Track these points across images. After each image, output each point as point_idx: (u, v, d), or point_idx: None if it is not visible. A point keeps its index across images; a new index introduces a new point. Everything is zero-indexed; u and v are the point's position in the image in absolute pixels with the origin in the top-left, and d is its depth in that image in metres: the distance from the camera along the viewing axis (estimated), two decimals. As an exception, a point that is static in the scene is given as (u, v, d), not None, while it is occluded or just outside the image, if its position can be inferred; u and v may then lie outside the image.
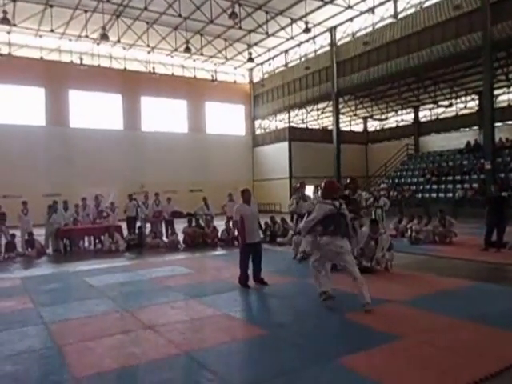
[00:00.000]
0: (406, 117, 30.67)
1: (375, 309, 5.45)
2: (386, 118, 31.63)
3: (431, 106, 27.39)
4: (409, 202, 20.82)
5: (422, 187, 22.84)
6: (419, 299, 5.87)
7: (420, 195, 22.16)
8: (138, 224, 13.42)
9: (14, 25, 20.79)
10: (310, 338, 4.56)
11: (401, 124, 31.32)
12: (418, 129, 28.98)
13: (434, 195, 21.52)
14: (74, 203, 13.43)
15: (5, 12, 18.63)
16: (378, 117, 31.28)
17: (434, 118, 29.34)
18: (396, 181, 25.21)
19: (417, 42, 20.42)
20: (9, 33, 22.93)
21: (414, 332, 4.59)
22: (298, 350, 4.26)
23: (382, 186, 23.70)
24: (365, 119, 32.92)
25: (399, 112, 30.30)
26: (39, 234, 12.44)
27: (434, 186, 22.23)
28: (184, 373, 3.85)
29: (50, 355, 4.29)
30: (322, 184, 5.96)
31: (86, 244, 13.07)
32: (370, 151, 32.33)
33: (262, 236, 7.33)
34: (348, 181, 9.00)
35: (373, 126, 34.26)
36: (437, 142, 27.58)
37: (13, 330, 5.04)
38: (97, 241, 12.73)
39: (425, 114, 29.95)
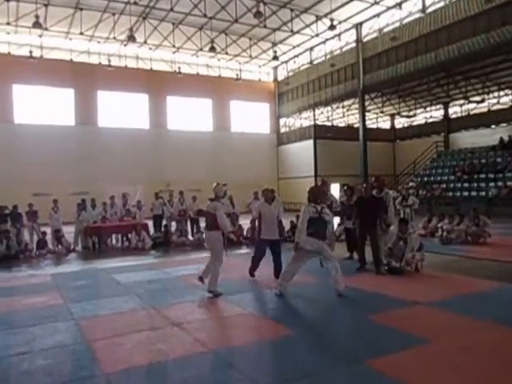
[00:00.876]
0: (436, 113, 29.95)
1: (403, 311, 5.32)
2: (415, 115, 30.97)
3: (462, 101, 26.66)
4: (439, 201, 20.30)
5: (452, 185, 22.23)
6: (449, 301, 5.72)
7: (451, 194, 21.59)
8: (164, 222, 13.58)
9: (46, 28, 21.40)
10: (336, 340, 4.53)
11: (430, 121, 30.59)
12: (448, 125, 28.23)
13: (465, 194, 20.91)
14: (101, 201, 13.71)
15: (37, 16, 19.18)
16: (405, 114, 30.67)
17: (464, 114, 28.54)
18: (425, 179, 24.63)
19: (446, 36, 19.87)
20: (41, 36, 23.65)
21: (444, 335, 4.47)
22: (324, 351, 4.22)
23: (411, 184, 23.19)
24: (392, 116, 32.33)
25: (428, 108, 29.61)
26: (69, 231, 12.77)
27: (466, 184, 21.60)
28: (211, 371, 3.87)
29: (81, 350, 4.38)
30: (308, 189, 6.38)
31: (114, 241, 13.32)
32: (397, 149, 31.73)
33: (285, 235, 7.59)
34: (373, 179, 8.85)
35: (400, 123, 33.65)
36: (468, 139, 26.81)
37: (44, 325, 5.17)
38: (124, 238, 12.97)
39: (455, 111, 29.18)
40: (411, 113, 30.40)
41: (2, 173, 22.56)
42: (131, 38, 21.42)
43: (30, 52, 23.52)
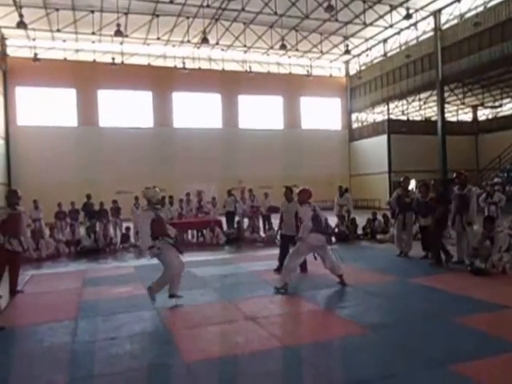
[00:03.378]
0: (525, 103, 27.48)
1: (491, 314, 4.97)
2: (500, 106, 28.63)
3: (557, 89, 24.19)
4: (529, 198, 18.55)
5: (546, 181, 20.23)
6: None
7: (544, 190, 19.65)
8: (237, 218, 13.85)
9: (126, 36, 22.81)
10: (415, 341, 4.32)
11: (518, 111, 28.13)
12: (540, 116, 25.73)
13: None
14: (177, 198, 14.33)
15: (118, 25, 20.55)
16: (490, 104, 28.46)
17: (560, 102, 25.89)
18: (513, 174, 22.69)
19: (539, 18, 18.14)
20: (121, 43, 25.23)
21: (541, 343, 4.08)
22: (403, 352, 4.06)
23: (496, 180, 21.53)
24: (474, 108, 30.18)
25: (516, 98, 27.26)
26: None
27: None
28: (287, 366, 3.88)
29: (163, 339, 4.63)
30: (297, 191, 6.72)
31: (189, 237, 13.83)
32: (480, 142, 29.48)
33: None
34: (454, 175, 8.35)
35: (484, 114, 31.28)
36: None
37: (130, 314, 5.52)
38: (199, 234, 13.44)
39: (549, 99, 26.53)
40: (496, 103, 28.17)
41: (89, 172, 24.53)
42: (204, 41, 22.14)
43: (113, 59, 25.29)
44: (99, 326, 5.09)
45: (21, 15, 18.88)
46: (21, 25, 18.88)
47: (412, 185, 13.67)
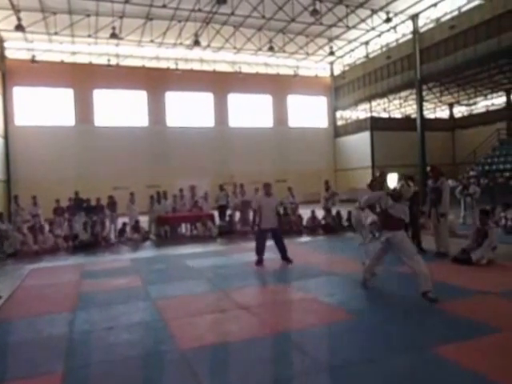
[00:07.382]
0: (497, 101, 27.69)
1: (472, 300, 5.02)
2: (475, 103, 28.86)
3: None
4: (503, 190, 18.76)
5: (517, 174, 20.43)
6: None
7: (515, 182, 19.86)
8: (229, 212, 13.78)
9: (121, 38, 22.43)
10: (399, 326, 4.34)
11: (491, 108, 28.36)
12: (511, 113, 25.98)
13: (531, 182, 19.16)
14: (171, 193, 14.18)
15: (113, 28, 20.19)
16: (465, 102, 28.67)
17: (529, 100, 26.10)
18: (486, 168, 22.90)
19: (509, 21, 18.19)
20: (117, 45, 24.80)
21: (514, 325, 4.13)
22: (387, 336, 4.08)
23: (471, 173, 21.76)
24: (451, 105, 30.36)
25: (489, 96, 27.46)
26: (143, 220, 13.35)
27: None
28: (278, 352, 3.85)
29: (159, 328, 4.57)
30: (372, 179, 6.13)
31: (183, 230, 13.73)
32: (457, 138, 29.72)
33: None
34: (428, 169, 8.39)
35: (460, 112, 31.52)
36: (534, 126, 24.51)
37: (127, 304, 5.46)
38: (192, 227, 13.35)
39: (519, 97, 26.75)
40: (471, 101, 28.35)
41: (87, 169, 24.16)
42: (196, 43, 21.91)
43: (108, 60, 24.89)
44: (97, 316, 5.02)
45: (19, 18, 18.46)
46: (19, 28, 18.47)
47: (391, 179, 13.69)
